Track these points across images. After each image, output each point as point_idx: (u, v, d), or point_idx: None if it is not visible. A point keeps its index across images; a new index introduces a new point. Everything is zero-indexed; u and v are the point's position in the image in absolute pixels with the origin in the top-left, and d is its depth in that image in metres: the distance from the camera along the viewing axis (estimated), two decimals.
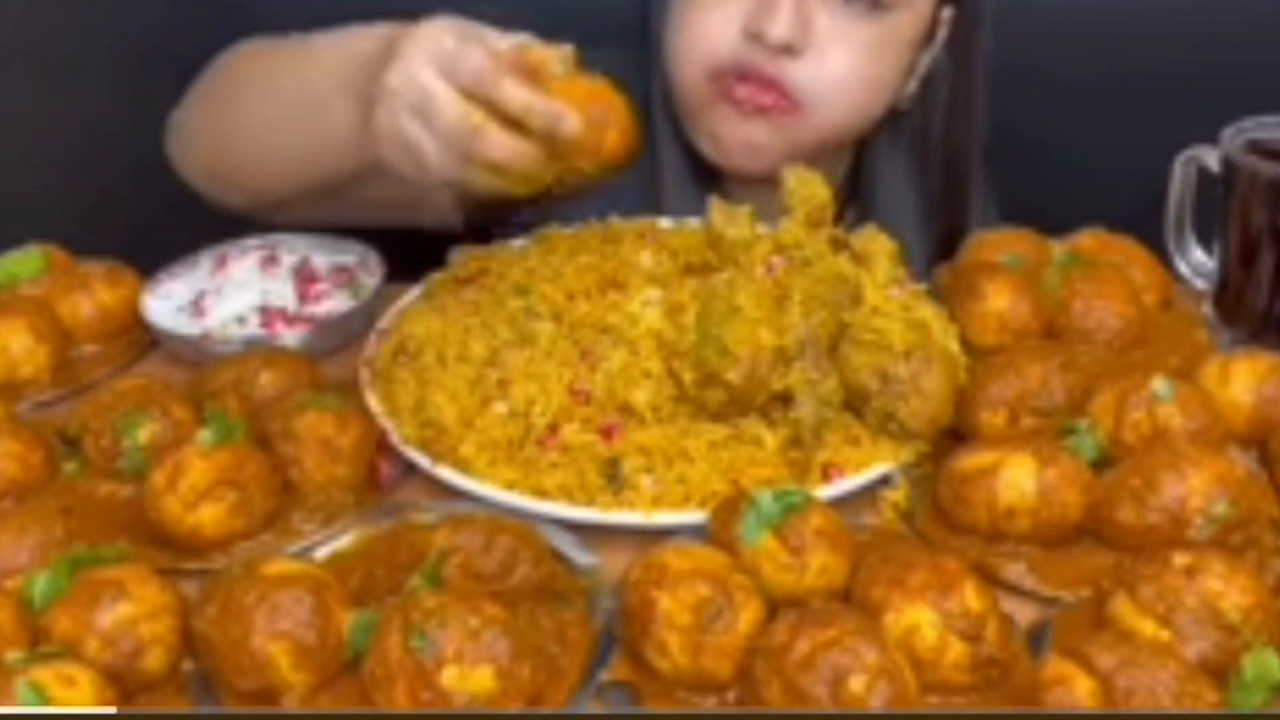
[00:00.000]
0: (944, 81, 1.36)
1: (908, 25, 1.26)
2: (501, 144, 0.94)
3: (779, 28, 1.20)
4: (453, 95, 0.94)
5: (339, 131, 1.09)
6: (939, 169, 1.40)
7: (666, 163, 1.36)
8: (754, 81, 1.24)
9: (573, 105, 0.96)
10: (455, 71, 0.95)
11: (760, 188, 1.22)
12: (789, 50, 1.21)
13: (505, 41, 0.99)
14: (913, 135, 1.38)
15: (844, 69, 1.24)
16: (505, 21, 1.20)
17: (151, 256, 1.26)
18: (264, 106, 1.20)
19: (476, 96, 0.94)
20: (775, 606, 0.83)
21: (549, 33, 1.24)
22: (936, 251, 1.25)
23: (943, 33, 1.33)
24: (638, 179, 1.32)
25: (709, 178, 1.35)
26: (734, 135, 1.28)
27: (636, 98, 1.32)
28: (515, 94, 0.93)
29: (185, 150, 1.33)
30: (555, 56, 0.99)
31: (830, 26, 1.22)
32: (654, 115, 1.35)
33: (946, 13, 1.32)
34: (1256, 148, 1.13)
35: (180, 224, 1.38)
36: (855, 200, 1.40)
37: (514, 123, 0.94)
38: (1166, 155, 1.19)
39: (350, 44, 1.12)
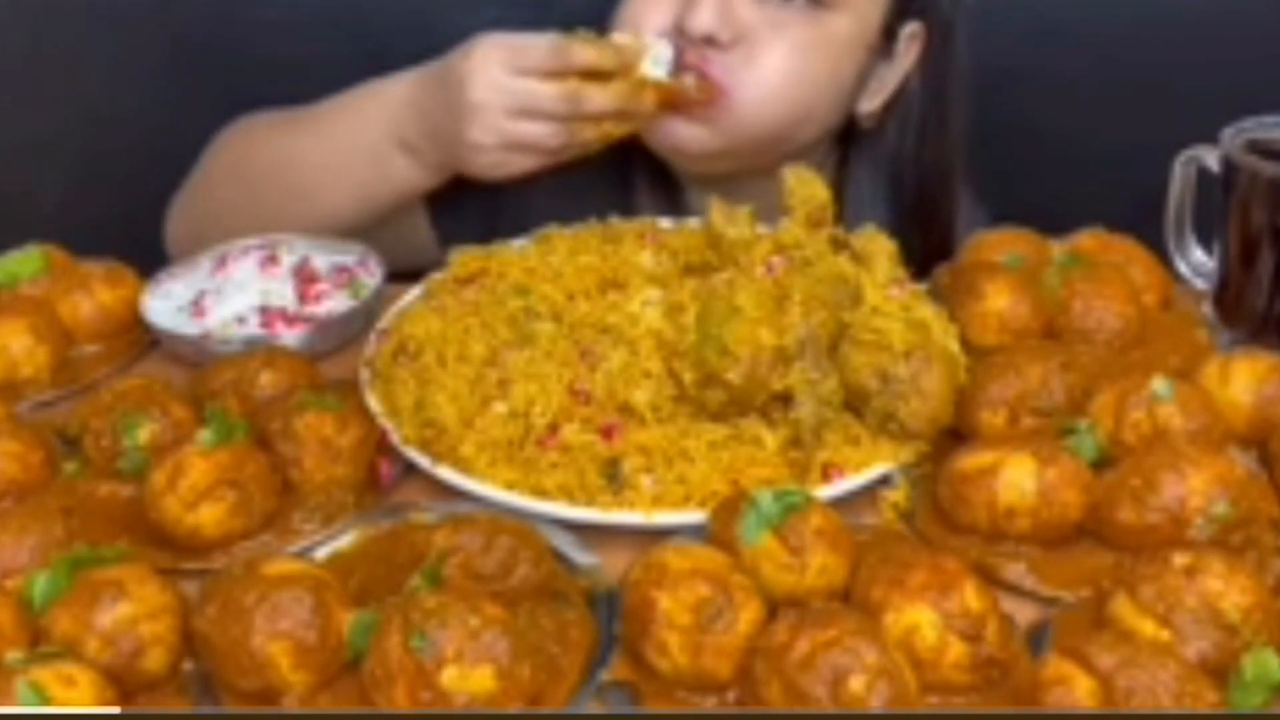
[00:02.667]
0: (917, 100, 1.35)
1: (845, 27, 1.26)
2: (601, 93, 1.14)
3: (701, 19, 1.21)
4: (543, 83, 1.13)
5: (404, 178, 1.28)
6: (912, 189, 1.39)
7: (638, 168, 1.37)
8: (681, 69, 1.24)
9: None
10: (530, 64, 1.14)
11: (724, 189, 1.22)
12: (712, 42, 1.22)
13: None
14: (884, 156, 1.38)
15: (773, 62, 1.24)
16: (503, 22, 1.21)
17: (151, 256, 1.26)
18: (306, 170, 1.30)
19: (553, 74, 1.14)
20: (775, 606, 0.83)
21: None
22: (915, 268, 1.24)
23: (906, 49, 1.32)
24: (610, 180, 1.34)
25: (675, 182, 1.36)
26: (677, 135, 1.28)
27: None
28: (586, 50, 1.14)
29: (202, 229, 1.35)
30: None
31: (760, 21, 1.23)
32: None
33: (909, 29, 1.31)
34: (1256, 148, 1.13)
35: None
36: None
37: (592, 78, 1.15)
38: (1166, 155, 1.19)
39: (384, 94, 1.27)
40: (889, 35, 1.30)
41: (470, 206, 1.30)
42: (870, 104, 1.34)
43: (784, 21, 1.24)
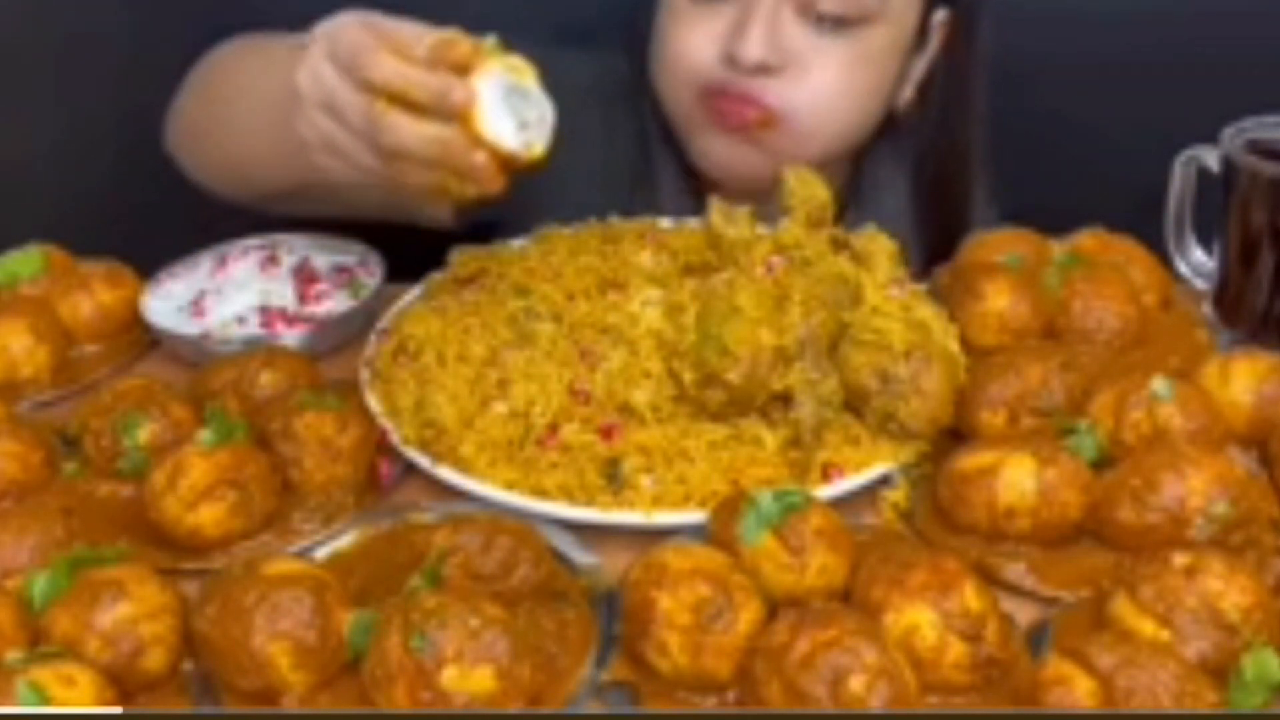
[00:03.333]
0: (939, 86, 1.36)
1: (885, 38, 1.26)
2: (403, 127, 0.89)
3: (751, 49, 1.20)
4: (349, 85, 0.91)
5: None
6: (934, 173, 1.40)
7: (662, 173, 1.36)
8: (735, 97, 1.24)
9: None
10: (340, 55, 0.91)
11: (754, 196, 1.22)
12: (764, 70, 1.22)
13: (430, 35, 0.93)
14: (908, 140, 1.38)
15: (824, 85, 1.24)
16: (503, 22, 1.20)
17: (151, 256, 1.26)
18: (247, 106, 1.17)
19: (372, 82, 0.90)
20: (775, 606, 0.83)
21: (545, 33, 1.24)
22: (933, 255, 1.24)
23: (937, 37, 1.33)
24: (634, 185, 1.33)
25: (703, 186, 1.35)
26: (723, 155, 1.29)
27: (628, 102, 1.33)
28: (390, 67, 0.89)
29: (181, 143, 1.33)
30: (482, 47, 0.93)
31: (805, 45, 1.23)
32: (646, 123, 1.36)
33: (940, 16, 1.32)
34: (1256, 148, 1.13)
35: (180, 224, 1.38)
36: (850, 205, 1.39)
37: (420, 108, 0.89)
38: (1166, 155, 1.19)
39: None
40: (922, 30, 1.31)
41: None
42: (905, 95, 1.34)
43: (823, 42, 1.23)
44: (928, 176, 1.39)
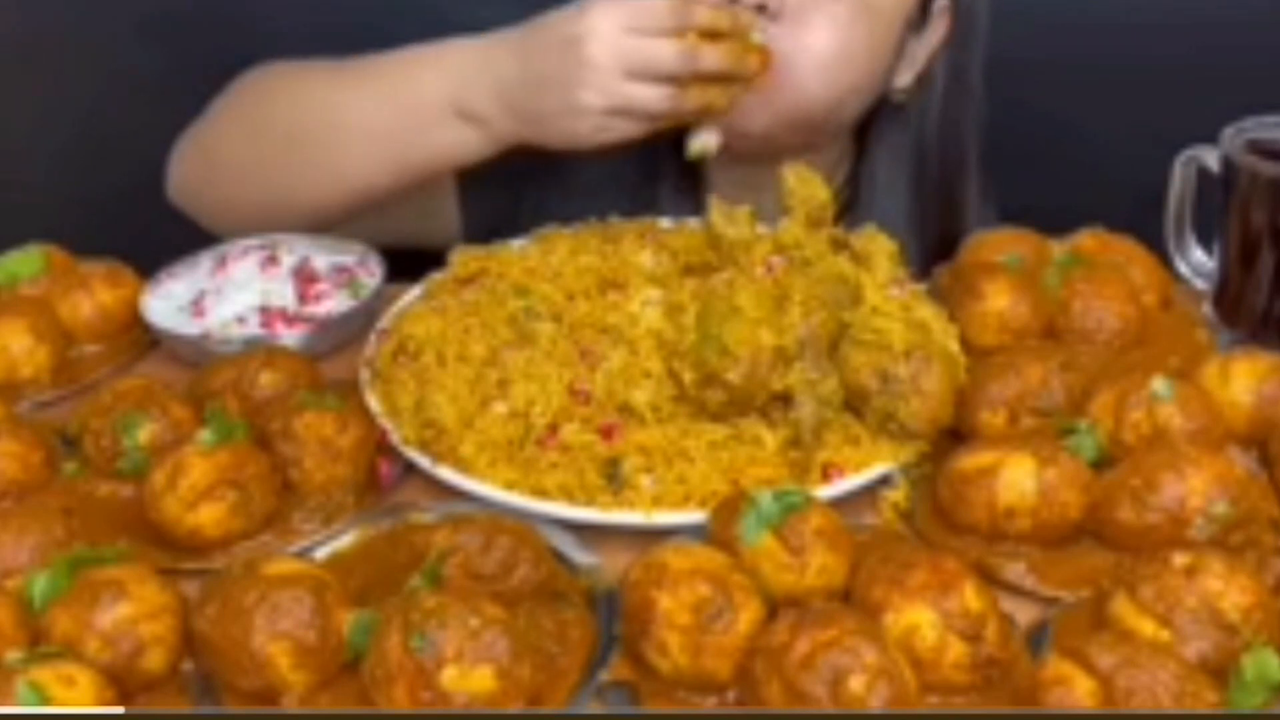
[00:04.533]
0: (939, 83, 1.35)
1: (886, 2, 1.26)
2: (714, 52, 1.12)
3: None
4: (663, 40, 1.11)
5: (457, 147, 1.21)
6: (934, 174, 1.39)
7: (662, 173, 1.36)
8: None
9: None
10: (650, 23, 1.11)
11: (751, 189, 1.22)
12: (764, 10, 1.21)
13: None
14: (908, 138, 1.38)
15: (821, 39, 1.22)
16: (500, 19, 1.21)
17: (151, 256, 1.26)
18: (347, 138, 1.24)
19: (672, 32, 1.11)
20: (775, 606, 0.83)
21: None
22: (930, 256, 1.24)
23: (935, 23, 1.32)
24: (635, 185, 1.33)
25: (702, 186, 1.35)
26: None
27: None
28: (705, 10, 1.13)
29: (207, 181, 1.33)
30: None
31: None
32: None
33: (940, 2, 1.31)
34: (1256, 148, 1.13)
35: (180, 224, 1.38)
36: (849, 208, 1.39)
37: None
38: (1166, 155, 1.19)
39: (444, 59, 1.21)
40: (924, 9, 1.30)
41: (499, 189, 1.29)
42: (903, 79, 1.33)
43: None
44: (929, 178, 1.39)
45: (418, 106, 1.21)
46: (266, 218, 1.30)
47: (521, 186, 1.27)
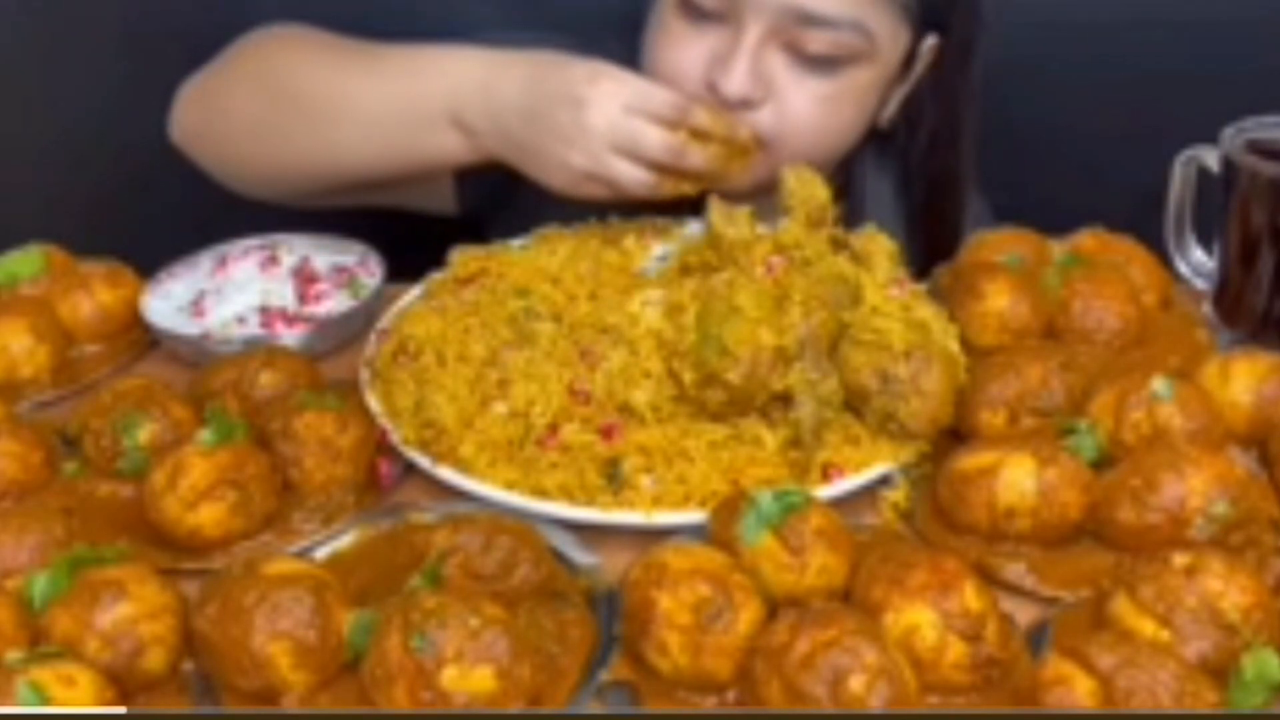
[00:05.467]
0: (929, 108, 1.34)
1: (870, 75, 1.25)
2: (700, 153, 1.17)
3: (733, 84, 1.20)
4: (657, 129, 1.15)
5: (445, 152, 1.24)
6: (922, 191, 1.39)
7: None
8: None
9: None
10: (651, 109, 1.15)
11: (752, 196, 1.22)
12: (745, 104, 1.21)
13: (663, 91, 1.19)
14: (896, 158, 1.38)
15: (803, 118, 1.23)
16: (500, 20, 1.21)
17: (151, 256, 1.26)
18: (351, 119, 1.25)
19: (668, 124, 1.15)
20: (775, 606, 0.83)
21: (544, 29, 1.25)
22: (921, 268, 1.23)
23: (922, 63, 1.31)
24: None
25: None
26: None
27: None
28: (704, 113, 1.17)
29: (207, 130, 1.33)
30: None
31: (788, 79, 1.22)
32: None
33: (929, 42, 1.30)
34: (1256, 148, 1.13)
35: (180, 224, 1.38)
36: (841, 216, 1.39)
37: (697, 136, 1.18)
38: (1166, 155, 1.19)
39: (448, 67, 1.23)
40: (908, 61, 1.30)
41: (497, 179, 1.29)
42: (886, 112, 1.33)
43: (805, 78, 1.22)
44: (918, 195, 1.39)
45: (416, 105, 1.22)
46: (261, 175, 1.31)
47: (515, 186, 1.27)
